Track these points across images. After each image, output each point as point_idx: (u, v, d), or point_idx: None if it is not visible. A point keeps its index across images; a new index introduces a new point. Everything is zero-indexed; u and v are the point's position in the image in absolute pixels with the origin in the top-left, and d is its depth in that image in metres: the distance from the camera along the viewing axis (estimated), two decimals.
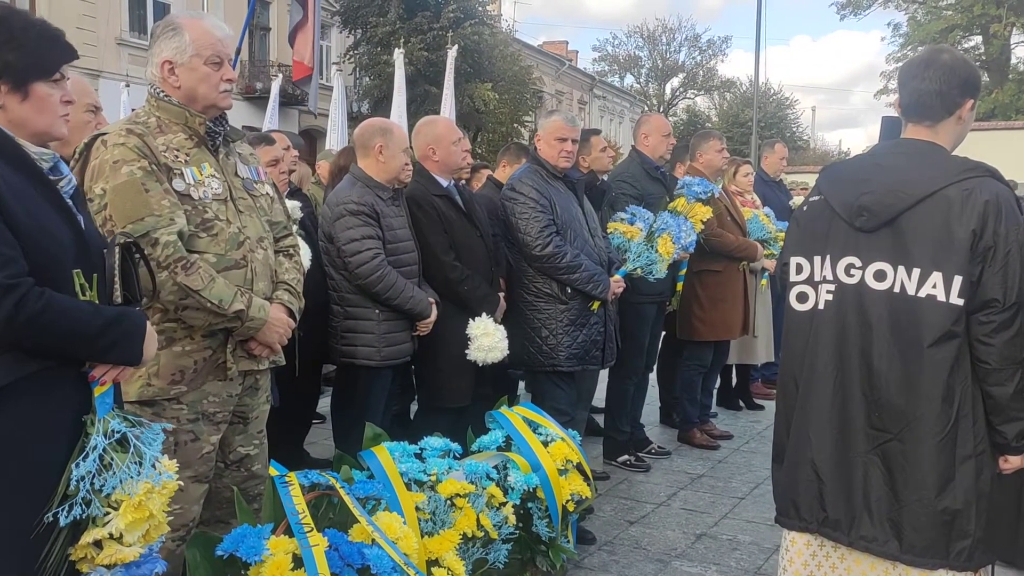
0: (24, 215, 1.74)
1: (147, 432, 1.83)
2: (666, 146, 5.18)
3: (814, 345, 2.27)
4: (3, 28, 1.78)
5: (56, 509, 1.71)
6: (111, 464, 1.74)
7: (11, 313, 1.66)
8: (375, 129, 3.70)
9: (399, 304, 3.56)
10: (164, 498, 1.80)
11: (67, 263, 1.81)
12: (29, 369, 1.73)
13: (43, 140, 1.89)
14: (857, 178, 2.25)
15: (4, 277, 1.66)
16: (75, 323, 1.76)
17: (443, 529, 2.93)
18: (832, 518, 2.23)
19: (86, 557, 1.75)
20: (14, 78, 1.80)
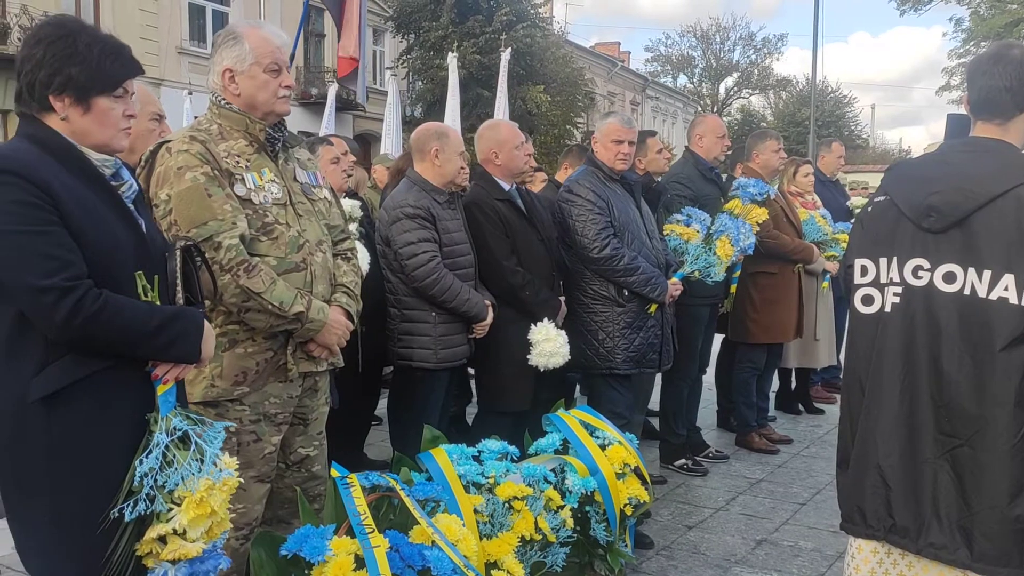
0: (85, 220, 1.80)
1: (208, 430, 1.88)
2: (721, 147, 5.13)
3: (880, 349, 2.21)
4: (68, 43, 1.85)
5: (122, 505, 1.77)
6: (173, 461, 1.79)
7: (70, 313, 1.72)
8: (431, 133, 3.74)
9: (455, 307, 3.58)
10: (225, 495, 1.84)
11: (128, 266, 1.87)
12: (89, 370, 1.80)
13: (103, 151, 1.95)
14: (925, 177, 2.19)
15: (62, 279, 1.73)
16: (132, 321, 1.82)
17: (501, 532, 2.94)
18: (900, 525, 2.18)
19: (151, 552, 1.80)
20: (76, 92, 1.87)
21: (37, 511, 1.83)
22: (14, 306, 1.79)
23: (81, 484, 1.80)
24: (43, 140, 1.86)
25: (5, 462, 1.85)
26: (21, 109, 1.91)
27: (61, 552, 1.83)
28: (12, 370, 1.81)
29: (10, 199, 1.74)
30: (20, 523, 1.88)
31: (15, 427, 1.82)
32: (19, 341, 1.80)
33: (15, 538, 1.91)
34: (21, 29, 16.23)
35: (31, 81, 1.86)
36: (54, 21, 1.92)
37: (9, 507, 1.90)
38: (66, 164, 1.84)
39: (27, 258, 1.73)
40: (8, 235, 1.73)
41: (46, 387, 1.78)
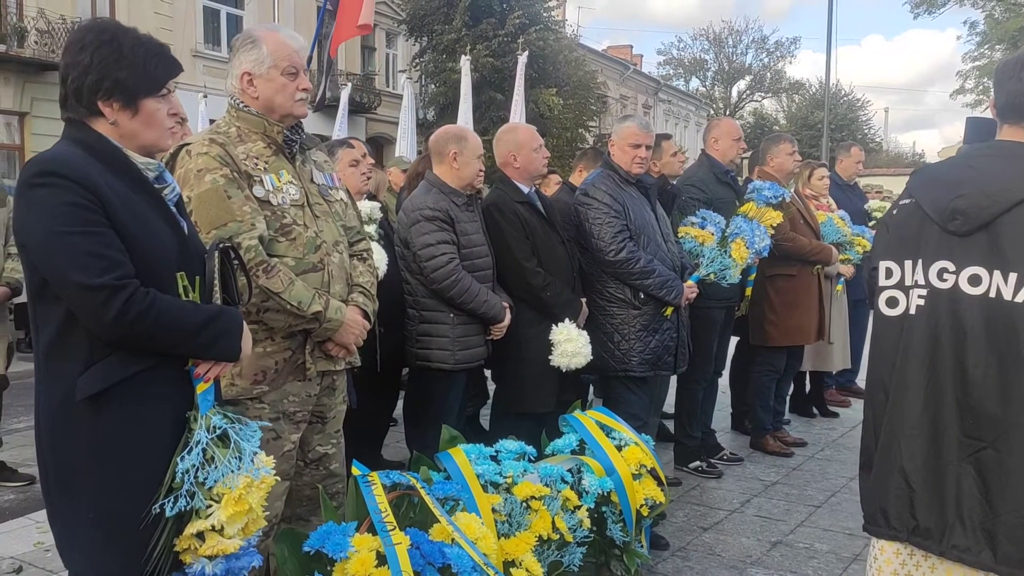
0: (132, 222, 1.83)
1: (245, 428, 1.90)
2: (736, 150, 5.13)
3: (905, 351, 2.21)
4: (113, 47, 1.87)
5: (163, 501, 1.78)
6: (213, 458, 1.81)
7: (120, 311, 1.75)
8: (450, 136, 3.75)
9: (473, 308, 3.59)
10: (262, 492, 1.86)
11: (171, 266, 1.89)
12: (133, 370, 1.82)
13: (150, 152, 1.97)
14: (950, 181, 2.18)
15: (113, 279, 1.75)
16: (178, 320, 1.84)
17: (519, 531, 2.95)
18: (923, 527, 2.17)
19: (189, 548, 1.82)
20: (124, 95, 1.89)
21: (80, 507, 1.85)
22: (63, 306, 1.82)
23: (124, 481, 1.83)
24: (90, 144, 1.88)
25: (50, 459, 1.88)
26: (67, 115, 1.93)
27: (103, 547, 1.85)
28: (58, 369, 1.84)
29: (60, 201, 1.77)
30: (62, 519, 1.90)
31: (61, 425, 1.85)
32: (65, 341, 1.83)
33: (56, 533, 1.93)
34: (39, 32, 16.33)
35: (78, 87, 1.89)
36: (96, 26, 1.94)
37: (51, 503, 1.92)
38: (112, 167, 1.87)
39: (77, 258, 1.76)
40: (59, 236, 1.76)
41: (91, 386, 1.81)
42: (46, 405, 1.87)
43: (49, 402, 1.86)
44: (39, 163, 1.82)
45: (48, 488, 1.92)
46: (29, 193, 1.81)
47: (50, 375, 1.86)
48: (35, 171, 1.81)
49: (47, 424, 1.87)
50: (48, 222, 1.77)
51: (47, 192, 1.78)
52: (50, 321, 1.84)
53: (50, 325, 1.84)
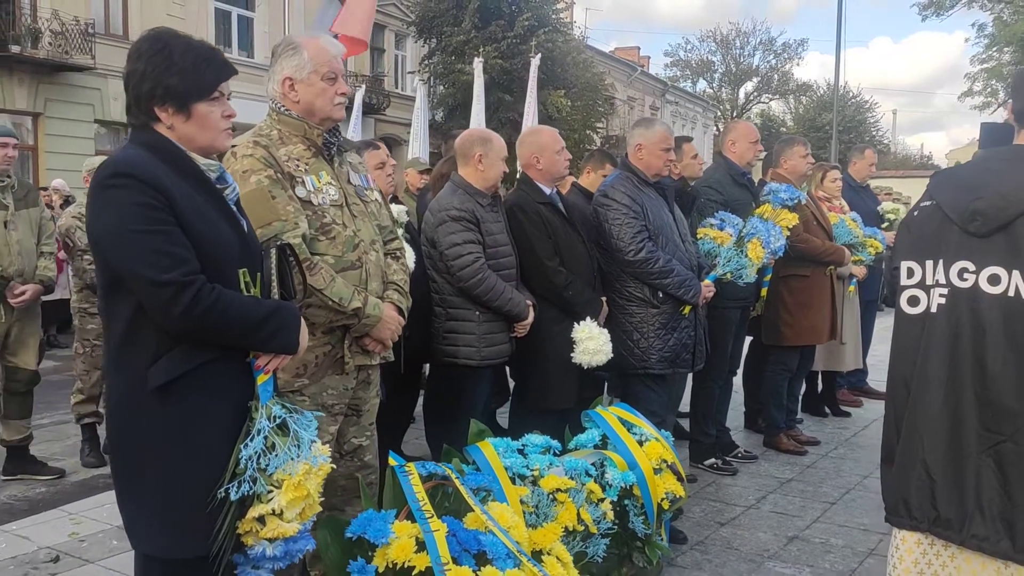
0: (197, 221, 1.92)
1: (302, 418, 1.99)
2: (753, 152, 5.20)
3: (926, 348, 2.29)
4: (164, 54, 1.97)
5: (227, 486, 1.88)
6: (274, 446, 1.90)
7: (189, 305, 1.84)
8: (475, 139, 3.84)
9: (498, 306, 3.68)
10: (319, 479, 1.95)
11: (233, 263, 1.99)
12: (198, 361, 1.92)
13: (207, 153, 2.07)
14: (970, 183, 2.27)
15: (180, 274, 1.85)
16: (242, 314, 1.94)
17: (546, 522, 3.03)
18: (944, 517, 2.25)
19: (251, 531, 1.91)
20: (177, 101, 1.99)
21: (150, 490, 1.95)
22: (133, 301, 1.92)
23: (191, 466, 1.93)
24: (155, 146, 1.98)
25: (121, 445, 1.98)
26: (132, 120, 2.03)
27: (171, 528, 1.95)
28: (128, 361, 1.94)
29: (131, 201, 1.86)
30: (132, 501, 2.00)
31: (132, 413, 1.95)
32: (135, 334, 1.93)
33: (125, 515, 2.03)
34: (52, 34, 16.45)
35: (137, 95, 1.99)
36: (151, 35, 2.04)
37: (121, 486, 2.02)
38: (177, 169, 1.97)
39: (147, 255, 1.86)
40: (130, 234, 1.86)
41: (160, 377, 1.91)
42: (118, 394, 1.97)
43: (121, 391, 1.96)
44: (112, 165, 1.92)
45: (119, 472, 2.01)
46: (102, 194, 1.90)
47: (121, 366, 1.95)
48: (108, 173, 1.90)
49: (119, 412, 1.97)
50: (120, 221, 1.87)
51: (119, 193, 1.88)
52: (121, 316, 1.94)
53: (120, 319, 1.94)
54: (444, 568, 2.33)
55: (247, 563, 1.99)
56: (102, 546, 3.90)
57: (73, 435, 5.88)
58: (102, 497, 4.60)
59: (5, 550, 3.84)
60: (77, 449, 5.45)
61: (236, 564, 2.00)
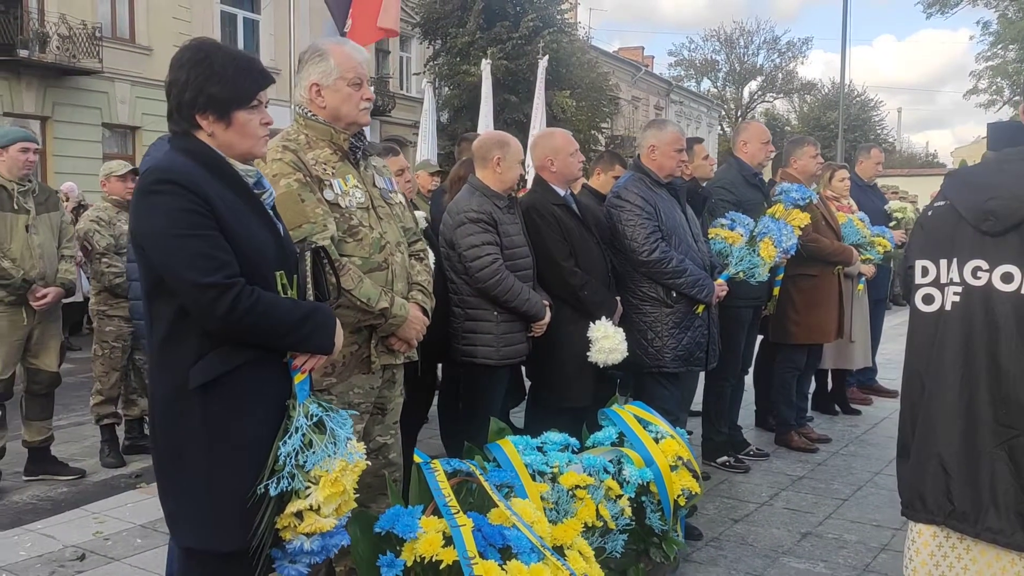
0: (236, 225, 1.99)
1: (338, 416, 2.05)
2: (765, 153, 5.25)
3: (940, 345, 2.35)
4: (206, 65, 2.03)
5: (266, 481, 1.94)
6: (311, 443, 1.96)
7: (230, 307, 1.91)
8: (494, 142, 3.90)
9: (516, 306, 3.74)
10: (355, 475, 2.01)
11: (271, 266, 2.06)
12: (238, 361, 1.99)
13: (246, 159, 2.13)
14: (983, 184, 2.32)
15: (222, 277, 1.91)
16: (280, 315, 2.00)
17: (565, 518, 3.09)
18: (959, 510, 2.31)
19: (289, 526, 1.97)
20: (217, 109, 2.05)
21: (194, 486, 2.01)
22: (176, 303, 1.98)
23: (232, 462, 1.99)
24: (195, 153, 2.05)
25: (164, 442, 2.04)
26: (173, 127, 2.09)
27: (213, 523, 2.01)
28: (171, 360, 2.01)
29: (175, 207, 1.93)
30: (175, 495, 2.06)
31: (176, 411, 2.01)
32: (178, 335, 2.00)
33: (168, 510, 2.09)
34: (60, 38, 16.55)
35: (179, 103, 2.05)
36: (193, 45, 2.10)
37: (164, 482, 2.08)
38: (216, 174, 2.04)
39: (191, 258, 1.92)
40: (174, 238, 1.93)
41: (203, 376, 1.97)
42: (161, 392, 2.03)
43: (164, 390, 2.02)
44: (155, 172, 1.98)
45: (162, 468, 2.08)
46: (147, 199, 1.97)
47: (164, 365, 2.02)
48: (152, 179, 1.97)
49: (162, 410, 2.03)
50: (164, 225, 1.93)
51: (163, 198, 1.94)
52: (163, 317, 2.01)
53: (163, 320, 2.01)
54: (471, 562, 2.39)
55: (285, 557, 2.05)
56: (127, 544, 3.97)
57: (90, 436, 5.95)
58: (123, 497, 4.68)
59: (31, 548, 3.91)
60: (96, 450, 5.51)
61: (274, 559, 2.06)
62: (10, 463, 5.00)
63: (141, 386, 5.57)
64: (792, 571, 3.69)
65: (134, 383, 5.54)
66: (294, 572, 2.06)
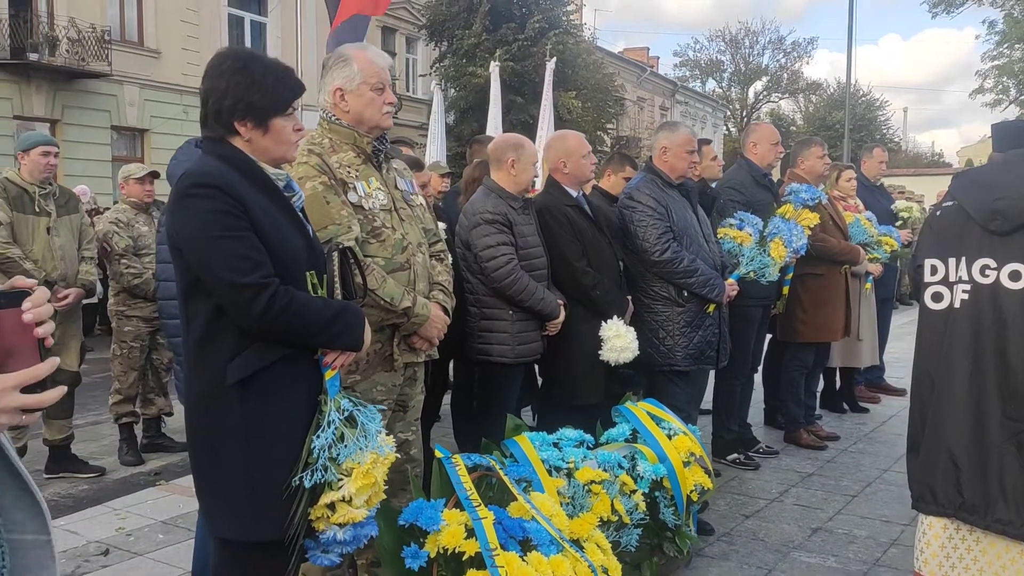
0: (269, 227, 2.06)
1: (368, 410, 2.13)
2: (774, 154, 5.32)
3: (950, 342, 2.41)
4: (247, 73, 2.10)
5: (301, 474, 2.01)
6: (343, 437, 2.03)
7: (266, 306, 1.98)
8: (508, 145, 3.97)
9: (531, 305, 3.80)
10: (385, 467, 2.08)
11: (302, 266, 2.13)
12: (272, 358, 2.06)
13: (278, 164, 2.20)
14: (991, 184, 2.39)
15: (259, 277, 1.99)
16: (313, 314, 2.07)
17: (582, 512, 3.16)
18: (969, 503, 2.37)
19: (322, 517, 2.04)
20: (257, 116, 2.12)
21: (232, 479, 2.08)
22: (212, 302, 2.05)
23: (268, 456, 2.06)
24: (229, 158, 2.12)
25: (202, 436, 2.11)
26: (208, 133, 2.16)
27: (250, 514, 2.07)
28: (209, 358, 2.08)
29: (213, 209, 2.00)
30: (213, 489, 2.13)
31: (214, 406, 2.08)
32: (215, 333, 2.07)
33: (204, 502, 2.16)
34: (69, 41, 16.67)
35: (218, 109, 2.12)
36: (231, 54, 2.17)
37: (202, 474, 2.15)
38: (249, 178, 2.11)
39: (228, 259, 2.00)
40: (212, 240, 2.00)
41: (240, 372, 2.04)
42: (198, 389, 2.10)
43: (201, 387, 2.09)
44: (193, 176, 2.05)
45: (200, 462, 2.14)
46: (185, 202, 2.04)
47: (201, 363, 2.09)
48: (190, 183, 2.04)
49: (200, 406, 2.10)
50: (202, 228, 2.00)
51: (201, 202, 2.01)
52: (199, 316, 2.08)
53: (200, 319, 2.08)
54: (493, 553, 2.46)
55: (317, 547, 2.12)
56: (149, 540, 4.05)
57: (108, 435, 6.04)
58: (144, 494, 4.76)
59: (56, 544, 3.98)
60: (114, 448, 5.60)
61: (307, 549, 2.13)
62: (31, 461, 5.07)
63: (159, 385, 5.67)
64: (803, 565, 3.76)
65: (152, 382, 5.63)
66: (326, 561, 2.13)
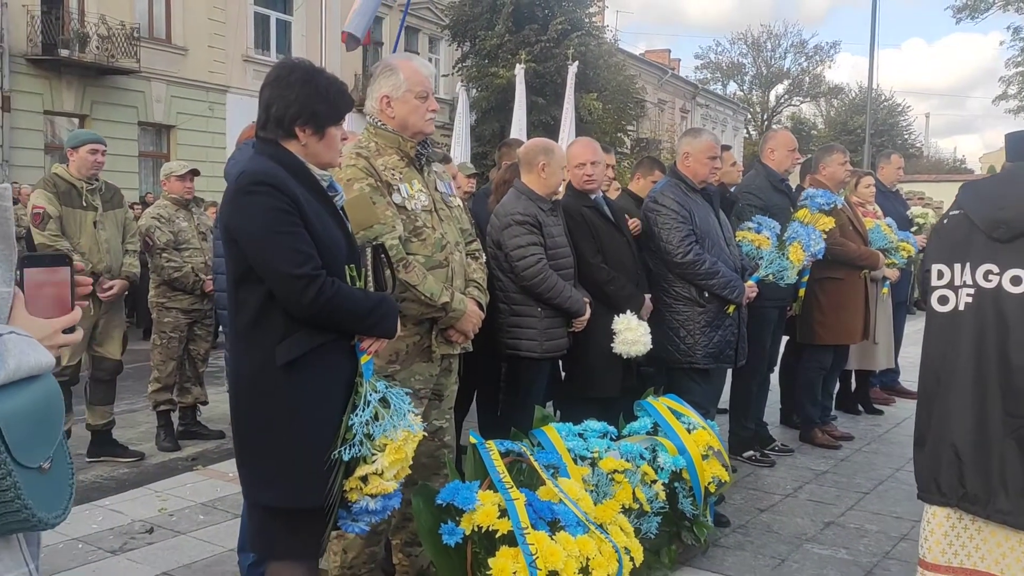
0: (316, 223, 2.27)
1: (398, 392, 2.32)
2: (791, 160, 5.48)
3: (955, 343, 2.57)
4: (312, 85, 2.31)
5: (339, 449, 2.21)
6: (378, 415, 2.23)
7: (316, 295, 2.19)
8: (539, 149, 4.15)
9: (559, 303, 3.99)
10: (415, 443, 2.28)
11: (343, 260, 2.34)
12: (317, 342, 2.26)
13: (326, 167, 2.41)
14: (995, 194, 2.54)
15: (310, 269, 2.19)
16: (355, 305, 2.29)
17: (605, 499, 3.34)
18: (971, 494, 2.52)
19: (355, 488, 2.24)
20: (317, 124, 2.33)
21: (277, 451, 2.27)
22: (262, 290, 2.25)
23: (311, 431, 2.26)
24: (281, 159, 2.32)
25: (250, 411, 2.31)
26: (265, 135, 2.36)
27: (294, 483, 2.26)
28: (258, 340, 2.28)
29: (270, 206, 2.21)
30: (257, 460, 2.32)
31: (262, 385, 2.28)
32: (264, 317, 2.27)
33: (251, 474, 2.34)
34: (100, 38, 17.00)
35: (281, 115, 2.32)
36: (294, 66, 2.36)
37: (247, 447, 2.33)
38: (298, 178, 2.31)
39: (283, 252, 2.20)
40: (270, 234, 2.21)
41: (288, 354, 2.24)
42: (247, 370, 2.30)
43: (251, 367, 2.29)
44: (252, 175, 2.25)
45: (246, 438, 2.33)
46: (244, 199, 2.24)
47: (251, 345, 2.29)
48: (249, 181, 2.24)
49: (248, 384, 2.30)
50: (260, 223, 2.21)
51: (259, 199, 2.21)
52: (250, 302, 2.28)
53: (250, 305, 2.28)
54: (524, 532, 2.65)
55: (348, 516, 2.32)
56: (190, 520, 4.27)
57: (143, 423, 6.28)
58: (183, 478, 4.98)
59: (103, 522, 4.21)
60: (151, 435, 5.83)
61: (339, 518, 2.32)
62: (73, 445, 5.30)
63: (195, 375, 5.89)
64: (815, 557, 3.92)
65: (189, 372, 5.86)
66: (356, 529, 2.35)
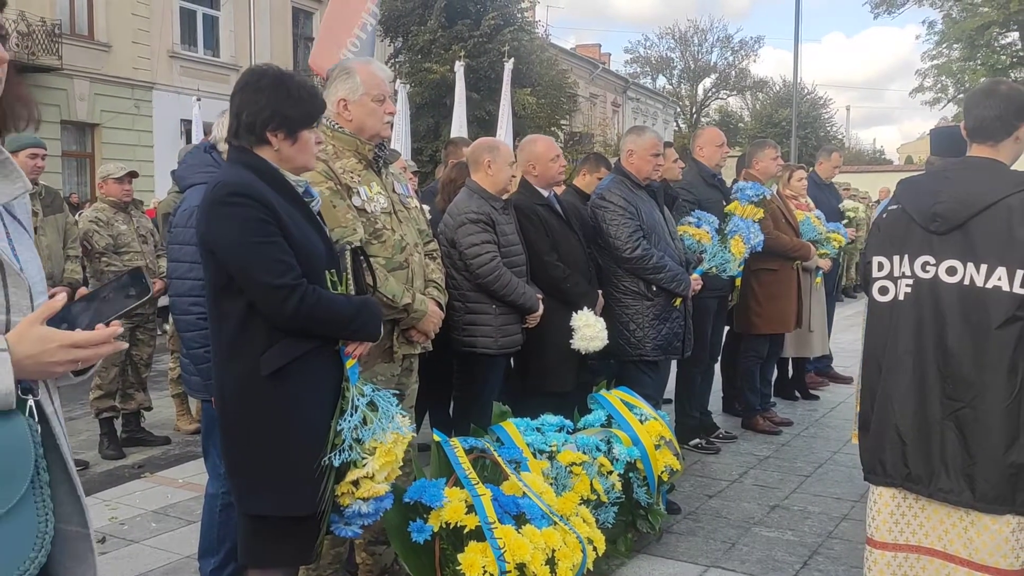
0: (294, 231, 2.27)
1: (385, 394, 2.35)
2: (720, 154, 5.65)
3: (895, 331, 2.71)
4: (283, 89, 2.30)
5: (329, 455, 2.22)
6: (366, 419, 2.25)
7: (297, 305, 2.19)
8: (484, 147, 4.20)
9: (513, 299, 4.04)
10: (404, 445, 2.30)
11: (322, 265, 2.34)
12: (302, 350, 2.26)
13: (300, 172, 2.40)
14: (930, 190, 2.69)
15: (291, 279, 2.19)
16: (337, 311, 2.29)
17: (564, 492, 3.42)
18: (914, 474, 2.67)
19: (347, 492, 2.26)
20: (289, 128, 2.32)
21: (266, 460, 2.27)
22: (244, 300, 2.25)
23: (299, 438, 2.26)
24: (255, 167, 2.31)
25: (237, 422, 2.30)
26: (237, 143, 2.34)
27: (284, 490, 2.27)
28: (242, 350, 2.27)
29: (248, 216, 2.20)
30: (247, 470, 2.31)
31: (249, 395, 2.27)
32: (247, 328, 2.26)
33: (236, 483, 2.34)
34: (19, 35, 16.39)
35: (252, 121, 2.30)
36: (267, 72, 2.34)
37: (236, 457, 2.33)
38: (274, 185, 2.30)
39: (263, 262, 2.19)
40: (249, 245, 2.20)
41: (272, 364, 2.24)
42: (232, 381, 2.29)
43: (236, 377, 2.28)
44: (227, 185, 2.24)
45: (235, 448, 2.33)
46: (221, 209, 2.23)
47: (234, 356, 2.28)
48: (226, 191, 2.23)
49: (235, 396, 2.29)
50: (239, 233, 2.20)
51: (236, 210, 2.21)
52: (232, 313, 2.27)
53: (232, 316, 2.27)
54: (491, 526, 2.71)
55: (341, 520, 2.33)
56: (143, 528, 4.20)
57: (85, 431, 6.13)
58: (131, 486, 4.90)
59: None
60: (92, 443, 5.70)
61: (332, 522, 2.34)
62: None
63: (138, 381, 5.78)
64: (763, 539, 4.07)
65: (131, 378, 5.74)
66: (349, 533, 2.36)
